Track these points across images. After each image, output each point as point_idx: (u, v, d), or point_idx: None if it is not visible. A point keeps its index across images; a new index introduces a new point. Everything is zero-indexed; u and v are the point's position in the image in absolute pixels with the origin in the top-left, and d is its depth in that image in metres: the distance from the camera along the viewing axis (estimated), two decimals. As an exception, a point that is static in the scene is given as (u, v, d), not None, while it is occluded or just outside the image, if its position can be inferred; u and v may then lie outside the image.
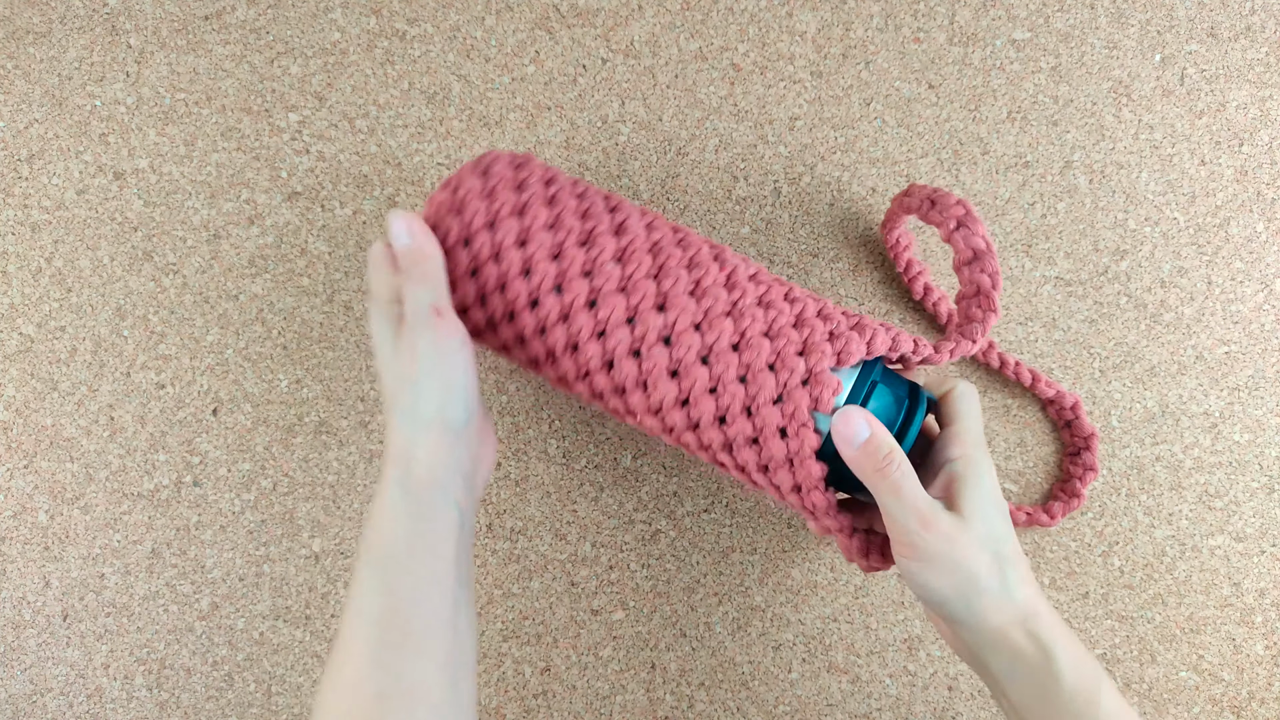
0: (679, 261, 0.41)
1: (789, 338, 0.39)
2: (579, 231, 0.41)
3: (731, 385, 0.39)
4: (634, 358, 0.40)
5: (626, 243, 0.41)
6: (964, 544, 0.38)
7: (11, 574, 0.53)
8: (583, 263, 0.41)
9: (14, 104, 0.54)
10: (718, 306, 0.40)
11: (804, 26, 0.54)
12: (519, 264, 0.41)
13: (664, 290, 0.40)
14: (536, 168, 0.43)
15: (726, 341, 0.40)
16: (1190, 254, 0.54)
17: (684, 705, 0.53)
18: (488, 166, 0.42)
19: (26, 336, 0.54)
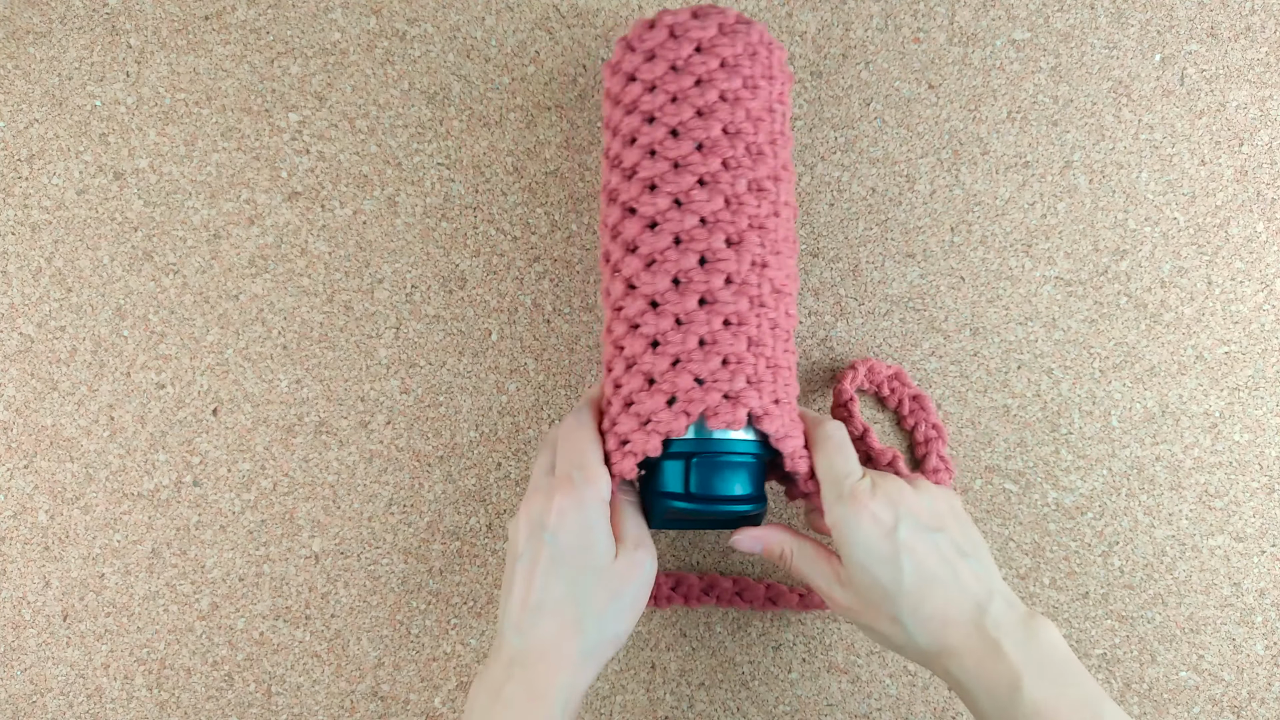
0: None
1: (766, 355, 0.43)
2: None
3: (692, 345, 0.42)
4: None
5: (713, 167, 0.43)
6: (862, 610, 0.42)
7: (11, 574, 0.53)
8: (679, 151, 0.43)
9: (14, 104, 0.54)
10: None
11: (804, 26, 0.54)
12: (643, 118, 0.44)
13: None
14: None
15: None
16: (1190, 254, 0.54)
17: (684, 705, 0.53)
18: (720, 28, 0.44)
19: (26, 336, 0.54)
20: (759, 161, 0.43)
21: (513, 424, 0.54)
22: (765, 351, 0.42)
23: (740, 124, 0.43)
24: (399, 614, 0.54)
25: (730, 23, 0.44)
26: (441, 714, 0.53)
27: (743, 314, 0.42)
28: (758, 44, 0.44)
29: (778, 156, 0.44)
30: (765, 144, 0.44)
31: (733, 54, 0.43)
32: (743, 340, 0.42)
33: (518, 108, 0.54)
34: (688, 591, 0.52)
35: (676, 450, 0.42)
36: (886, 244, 0.54)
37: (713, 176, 0.42)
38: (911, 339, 0.54)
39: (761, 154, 0.43)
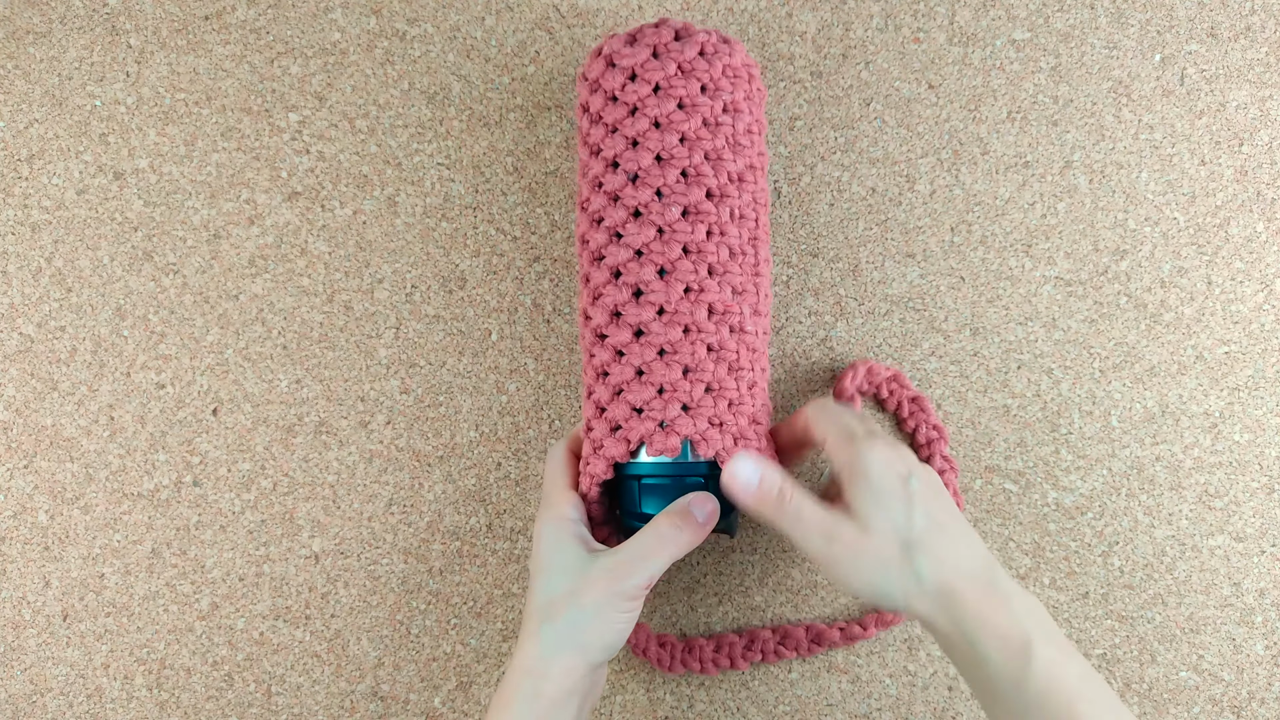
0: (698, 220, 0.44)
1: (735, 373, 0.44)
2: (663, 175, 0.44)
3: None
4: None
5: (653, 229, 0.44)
6: (867, 545, 0.40)
7: (11, 574, 0.53)
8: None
9: (14, 104, 0.54)
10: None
11: (804, 26, 0.54)
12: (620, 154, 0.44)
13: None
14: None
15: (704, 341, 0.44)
16: (1190, 254, 0.54)
17: (684, 705, 0.53)
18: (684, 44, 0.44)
19: (26, 336, 0.54)
20: (695, 184, 0.44)
21: (513, 424, 0.54)
22: (704, 377, 0.43)
23: (673, 149, 0.44)
24: (399, 614, 0.54)
25: (664, 43, 0.44)
26: (441, 714, 0.53)
27: (675, 343, 0.43)
28: (695, 58, 0.44)
29: (720, 172, 0.44)
30: (704, 163, 0.44)
31: (664, 76, 0.44)
32: (676, 369, 0.43)
33: (518, 108, 0.54)
34: (731, 652, 0.52)
35: (630, 473, 0.44)
36: (886, 244, 0.54)
37: (645, 207, 0.44)
38: (911, 339, 0.54)
39: (699, 175, 0.44)
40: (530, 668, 0.41)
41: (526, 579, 0.54)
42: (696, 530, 0.42)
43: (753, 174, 0.46)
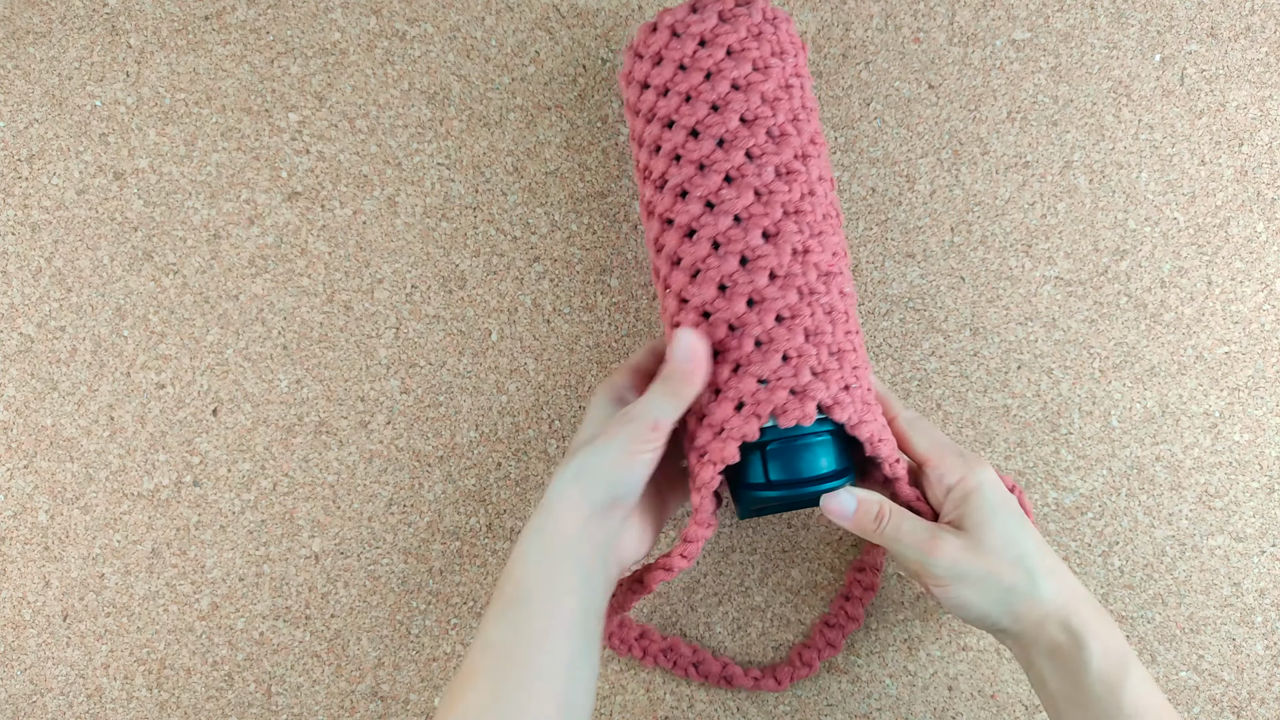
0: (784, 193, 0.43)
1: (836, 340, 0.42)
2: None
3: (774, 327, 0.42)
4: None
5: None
6: (979, 559, 0.42)
7: (11, 574, 0.53)
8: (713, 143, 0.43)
9: (14, 104, 0.54)
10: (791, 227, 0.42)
11: (804, 26, 0.54)
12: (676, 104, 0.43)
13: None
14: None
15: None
16: (1190, 254, 0.54)
17: (684, 705, 0.53)
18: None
19: (26, 336, 0.54)
20: (783, 144, 0.42)
21: (513, 424, 0.54)
22: (825, 339, 0.42)
23: (757, 110, 0.42)
24: (399, 614, 0.54)
25: (729, 8, 0.44)
26: (441, 714, 0.53)
27: (794, 306, 0.41)
28: (762, 23, 0.44)
29: (802, 133, 0.43)
30: (788, 123, 0.43)
31: (737, 40, 0.43)
32: (799, 333, 0.41)
33: (518, 108, 0.54)
34: (646, 647, 0.52)
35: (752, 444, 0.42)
36: (886, 244, 0.54)
37: (738, 171, 0.42)
38: (911, 339, 0.54)
39: (785, 135, 0.43)
40: (541, 506, 0.41)
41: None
42: (695, 382, 0.41)
43: (821, 136, 0.45)
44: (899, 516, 0.43)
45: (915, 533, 0.42)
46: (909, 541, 0.42)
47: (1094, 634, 0.41)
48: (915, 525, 0.43)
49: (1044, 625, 0.41)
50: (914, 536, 0.42)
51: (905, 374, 0.54)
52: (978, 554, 0.42)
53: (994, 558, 0.42)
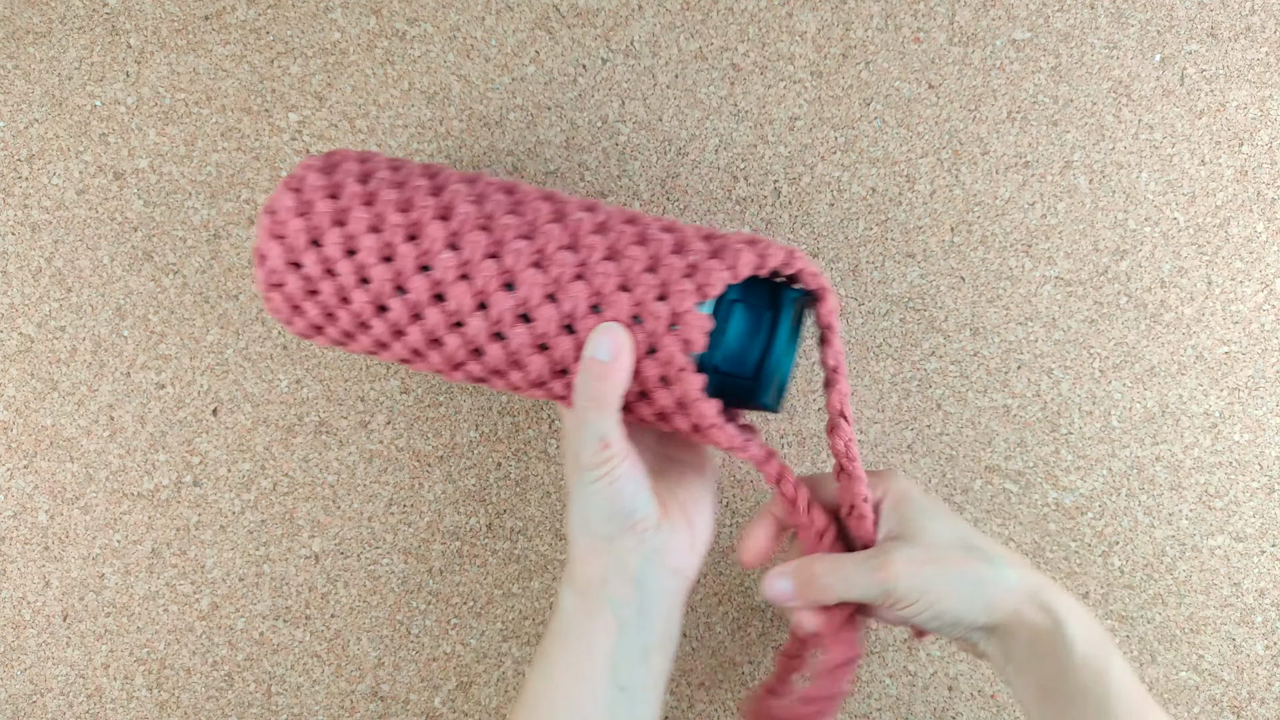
0: (516, 232, 0.40)
1: (646, 284, 0.38)
2: (404, 226, 0.40)
3: None
4: (498, 340, 0.40)
5: (456, 225, 0.40)
6: (937, 561, 0.40)
7: (11, 574, 0.53)
8: (416, 257, 0.40)
9: (14, 104, 0.54)
10: (566, 272, 0.39)
11: (804, 26, 0.54)
12: (354, 274, 0.40)
13: (508, 266, 0.39)
14: (349, 165, 0.43)
15: (585, 305, 0.38)
16: (1190, 254, 0.54)
17: (684, 705, 0.53)
18: (298, 183, 0.42)
19: (26, 336, 0.54)
20: (452, 214, 0.41)
21: (513, 424, 0.54)
22: (634, 255, 0.39)
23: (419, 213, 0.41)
24: (399, 614, 0.54)
25: (316, 164, 0.43)
26: (441, 714, 0.53)
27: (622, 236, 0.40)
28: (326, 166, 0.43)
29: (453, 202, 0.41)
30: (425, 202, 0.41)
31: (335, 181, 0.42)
32: (608, 261, 0.39)
33: (518, 108, 0.54)
34: None
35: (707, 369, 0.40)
36: (886, 244, 0.54)
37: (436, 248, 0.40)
38: (911, 339, 0.54)
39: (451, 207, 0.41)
40: (570, 555, 0.40)
41: (526, 579, 0.54)
42: (607, 373, 0.37)
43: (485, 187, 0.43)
44: (836, 563, 0.41)
45: (862, 569, 0.40)
46: (861, 580, 0.40)
47: (1071, 613, 0.39)
48: (858, 561, 0.40)
49: (1020, 611, 0.39)
50: (863, 573, 0.40)
51: (905, 374, 0.54)
52: (932, 556, 0.40)
53: (950, 553, 0.40)
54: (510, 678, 0.54)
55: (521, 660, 0.54)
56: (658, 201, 0.53)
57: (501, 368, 0.40)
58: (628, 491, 0.39)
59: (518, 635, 0.54)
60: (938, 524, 0.41)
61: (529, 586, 0.54)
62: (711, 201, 0.53)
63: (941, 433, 0.54)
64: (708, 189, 0.53)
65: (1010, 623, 0.40)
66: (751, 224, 0.53)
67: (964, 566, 0.40)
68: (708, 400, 0.38)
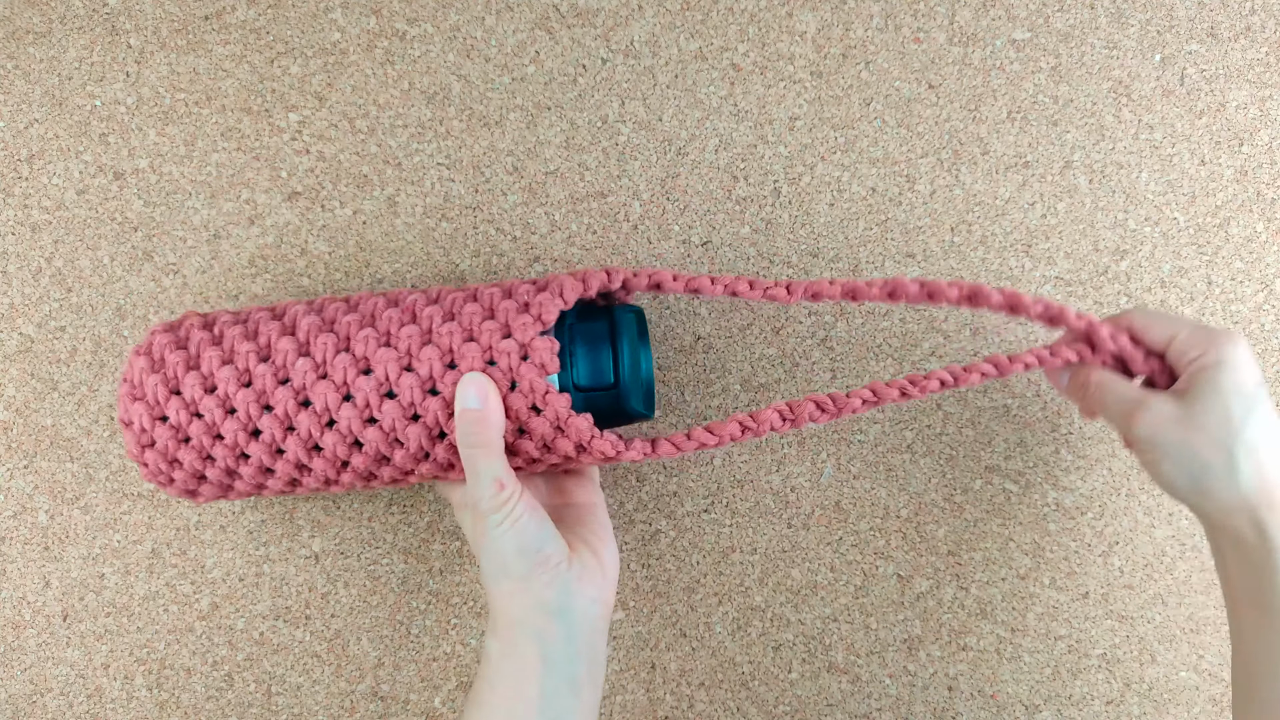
0: (358, 325, 0.43)
1: (489, 329, 0.41)
2: (255, 351, 0.43)
3: None
4: (371, 424, 0.42)
5: (303, 336, 0.43)
6: (1182, 430, 0.41)
7: (11, 574, 0.53)
8: (273, 374, 0.42)
9: (14, 104, 0.54)
10: (414, 343, 0.42)
11: (804, 26, 0.54)
12: (219, 408, 0.42)
13: (359, 355, 0.42)
14: (192, 320, 0.45)
15: (440, 365, 0.41)
16: (1190, 254, 0.54)
17: (684, 705, 0.53)
18: (147, 349, 0.44)
19: (26, 336, 0.54)
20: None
21: (513, 424, 0.54)
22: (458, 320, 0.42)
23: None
24: (399, 614, 0.54)
25: (160, 330, 0.45)
26: (441, 714, 0.53)
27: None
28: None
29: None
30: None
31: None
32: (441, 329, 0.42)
33: (518, 108, 0.54)
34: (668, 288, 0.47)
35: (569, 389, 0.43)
36: (886, 244, 0.54)
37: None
38: (911, 339, 0.54)
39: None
40: (489, 611, 0.42)
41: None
42: (482, 418, 0.40)
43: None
44: (1109, 380, 0.44)
45: (1123, 400, 0.43)
46: (1115, 406, 0.43)
47: None
48: (1124, 391, 0.43)
49: (1232, 516, 0.41)
50: (1120, 403, 0.43)
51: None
52: (1182, 425, 0.41)
53: (1198, 433, 0.41)
54: (510, 678, 0.54)
55: (521, 660, 0.54)
56: (657, 201, 0.53)
57: (384, 450, 0.42)
58: (533, 528, 0.41)
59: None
60: (1218, 402, 0.41)
61: (529, 586, 0.54)
62: (711, 201, 0.53)
63: (941, 433, 0.54)
64: (708, 189, 0.53)
65: (1219, 519, 0.41)
66: (751, 224, 0.53)
67: (1200, 448, 0.41)
68: (580, 416, 0.41)
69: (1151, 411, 0.42)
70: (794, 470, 0.54)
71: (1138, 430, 0.42)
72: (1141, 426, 0.42)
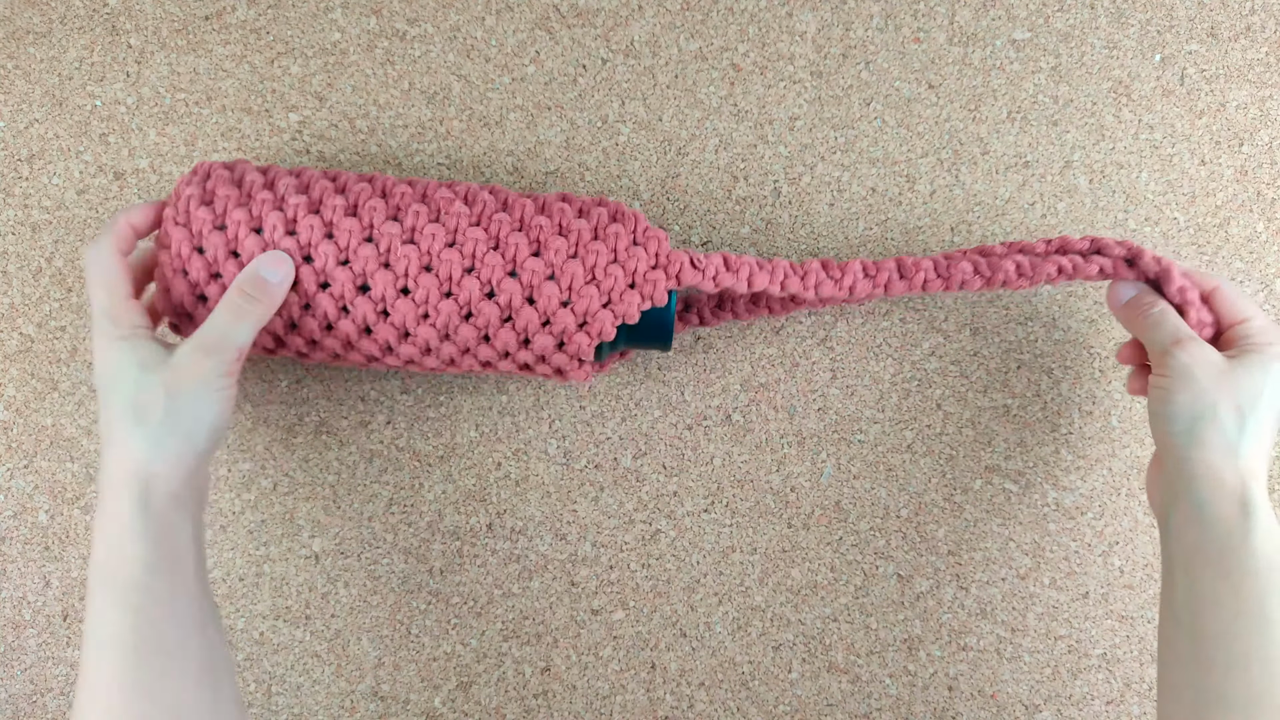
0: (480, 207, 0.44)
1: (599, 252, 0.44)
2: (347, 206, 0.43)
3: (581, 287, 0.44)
4: (489, 298, 0.43)
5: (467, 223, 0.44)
6: (1216, 378, 0.42)
7: (11, 574, 0.53)
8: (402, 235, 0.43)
9: (14, 104, 0.54)
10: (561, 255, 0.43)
11: (804, 26, 0.54)
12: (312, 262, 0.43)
13: (495, 234, 0.43)
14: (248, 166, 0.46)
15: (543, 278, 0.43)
16: (1190, 254, 0.54)
17: (684, 705, 0.53)
18: (207, 173, 0.44)
19: (26, 336, 0.54)
20: None
21: (513, 424, 0.54)
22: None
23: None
24: (399, 614, 0.54)
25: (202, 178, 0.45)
26: (441, 714, 0.53)
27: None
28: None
29: None
30: None
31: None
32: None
33: (518, 108, 0.54)
34: (700, 310, 0.51)
35: None
36: (886, 244, 0.54)
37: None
38: (911, 339, 0.54)
39: None
40: (133, 471, 0.38)
41: (526, 579, 0.54)
42: (271, 294, 0.41)
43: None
44: (1171, 313, 0.45)
45: (1177, 330, 0.44)
46: (1167, 332, 0.44)
47: (1265, 512, 0.41)
48: (1180, 325, 0.44)
49: (1219, 470, 0.41)
50: (1176, 331, 0.44)
51: (905, 374, 0.54)
52: (1219, 374, 0.42)
53: (1230, 389, 0.42)
54: (510, 677, 0.54)
55: (521, 660, 0.54)
56: (657, 201, 0.53)
57: (486, 329, 0.44)
58: (230, 408, 0.42)
59: (518, 635, 0.54)
60: (1258, 379, 0.42)
61: (529, 586, 0.54)
62: (711, 201, 0.53)
63: (941, 433, 0.54)
64: (708, 189, 0.53)
65: (1202, 473, 0.42)
66: (751, 224, 0.53)
67: (1223, 402, 0.42)
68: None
69: (1201, 348, 0.43)
70: (794, 470, 0.54)
71: (1179, 356, 0.43)
72: (1185, 354, 0.43)
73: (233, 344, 0.41)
